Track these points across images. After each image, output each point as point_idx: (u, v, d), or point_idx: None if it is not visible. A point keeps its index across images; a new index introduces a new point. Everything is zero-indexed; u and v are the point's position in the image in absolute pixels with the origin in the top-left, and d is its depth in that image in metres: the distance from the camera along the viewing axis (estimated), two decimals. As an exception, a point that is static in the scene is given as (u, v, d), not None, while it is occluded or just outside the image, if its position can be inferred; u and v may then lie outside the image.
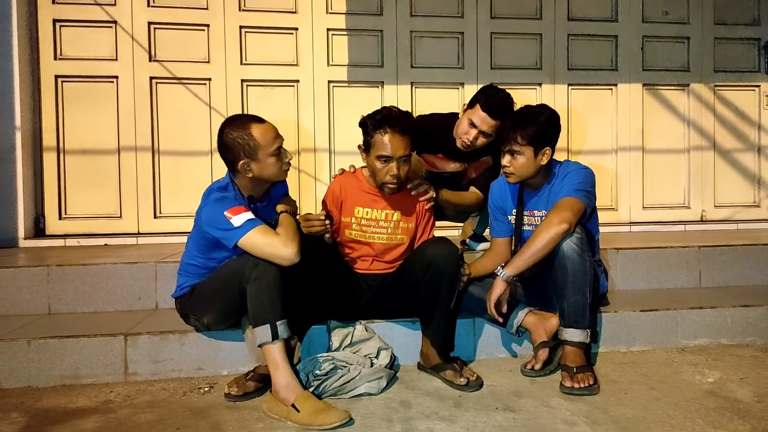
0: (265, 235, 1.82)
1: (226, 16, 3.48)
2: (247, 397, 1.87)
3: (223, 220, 1.82)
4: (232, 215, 1.82)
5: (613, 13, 3.85)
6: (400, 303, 2.15)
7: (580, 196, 2.06)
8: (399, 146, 1.99)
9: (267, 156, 1.90)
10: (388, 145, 1.98)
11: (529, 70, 3.78)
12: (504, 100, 2.35)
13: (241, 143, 1.87)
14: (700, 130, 3.92)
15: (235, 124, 1.92)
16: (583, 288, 1.98)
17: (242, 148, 1.88)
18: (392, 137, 1.98)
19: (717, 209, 3.95)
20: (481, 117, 2.34)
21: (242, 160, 1.89)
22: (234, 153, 1.89)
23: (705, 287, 2.80)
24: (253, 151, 1.88)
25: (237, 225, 1.81)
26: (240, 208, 1.86)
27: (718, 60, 3.94)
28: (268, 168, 1.92)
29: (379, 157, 2.00)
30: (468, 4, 3.69)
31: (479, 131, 2.37)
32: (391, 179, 2.02)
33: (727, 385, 1.95)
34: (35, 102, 3.33)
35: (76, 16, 3.35)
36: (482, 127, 2.35)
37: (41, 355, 2.03)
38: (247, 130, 1.88)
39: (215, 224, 1.85)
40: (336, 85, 3.61)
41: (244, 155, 1.88)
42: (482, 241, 2.79)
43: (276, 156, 1.92)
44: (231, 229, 1.82)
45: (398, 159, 2.00)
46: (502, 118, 2.25)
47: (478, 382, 1.95)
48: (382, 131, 1.99)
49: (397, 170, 2.00)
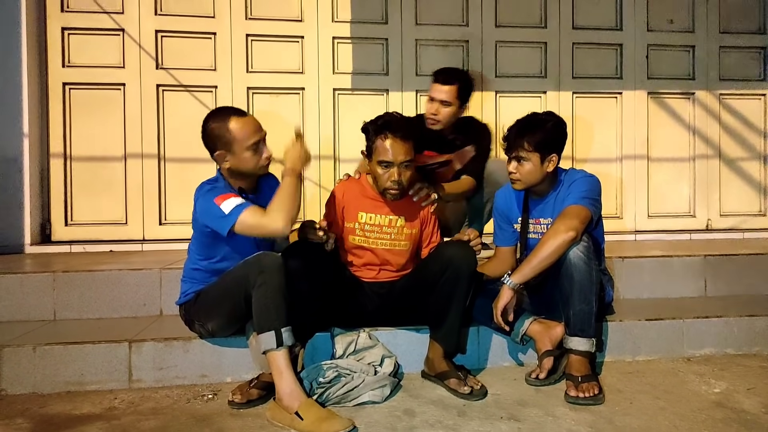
0: (253, 215, 1.83)
1: (232, 24, 3.51)
2: (250, 405, 1.87)
3: (215, 208, 1.85)
4: (221, 201, 1.85)
5: (617, 22, 3.85)
6: (407, 310, 2.15)
7: (586, 204, 2.06)
8: (400, 152, 1.99)
9: (243, 149, 1.93)
10: (389, 150, 1.99)
11: (534, 78, 3.79)
12: (447, 68, 2.68)
13: (218, 134, 1.93)
14: (706, 139, 3.91)
15: (217, 116, 1.98)
16: (589, 297, 1.97)
17: (218, 140, 1.93)
18: (393, 142, 1.99)
19: (722, 218, 3.94)
20: (435, 89, 2.57)
21: (218, 151, 1.94)
22: (212, 143, 1.95)
23: (711, 296, 2.79)
24: (228, 144, 1.93)
25: (227, 212, 1.83)
26: (228, 194, 1.88)
27: (724, 68, 3.94)
28: (243, 162, 1.95)
29: (380, 163, 2.01)
30: (473, 13, 3.71)
31: (439, 101, 2.56)
32: (392, 185, 2.02)
33: (734, 395, 1.93)
34: (43, 109, 3.36)
35: (85, 24, 3.38)
36: (439, 96, 2.55)
37: (46, 362, 2.03)
38: (225, 123, 1.93)
39: (208, 213, 1.87)
40: (341, 93, 3.62)
41: (220, 146, 1.93)
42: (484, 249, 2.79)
43: (253, 150, 1.94)
44: (222, 217, 1.83)
45: (399, 164, 2.00)
46: (451, 82, 2.55)
47: (482, 390, 1.94)
48: (383, 136, 2.00)
49: (398, 176, 2.00)
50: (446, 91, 2.55)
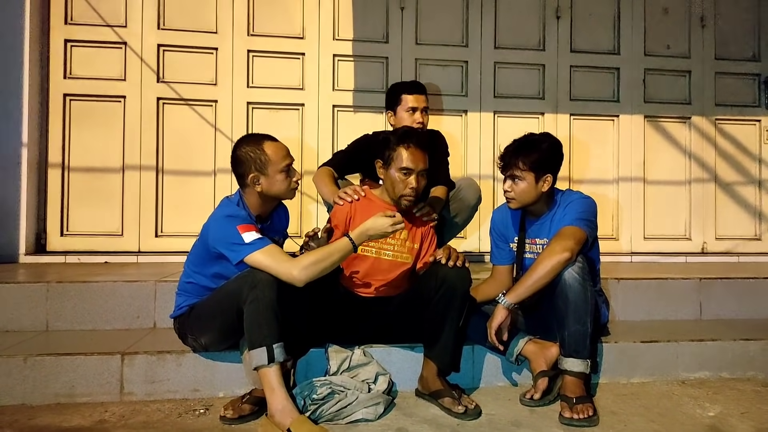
0: (272, 257, 1.84)
1: (234, 40, 3.54)
2: (242, 420, 1.85)
3: (235, 235, 1.85)
4: (243, 231, 1.86)
5: (615, 46, 3.91)
6: (402, 327, 2.15)
7: (582, 225, 2.07)
8: (420, 160, 2.08)
9: (276, 172, 1.96)
10: (410, 158, 2.06)
11: (532, 100, 3.83)
12: (415, 81, 2.81)
13: (253, 157, 1.95)
14: (702, 163, 3.95)
15: (250, 140, 2.01)
16: (584, 318, 1.97)
17: (253, 162, 1.95)
18: (415, 150, 2.07)
19: (718, 241, 3.96)
20: (414, 99, 2.66)
21: (252, 174, 1.95)
22: (245, 166, 1.96)
23: (705, 320, 2.78)
24: (263, 166, 1.95)
25: (248, 241, 1.84)
26: (251, 226, 1.90)
27: (719, 94, 3.99)
28: (276, 184, 1.97)
29: (401, 169, 2.07)
30: (473, 34, 3.76)
31: (421, 109, 2.66)
32: (410, 192, 2.08)
33: (728, 419, 1.93)
34: (43, 119, 3.37)
35: (88, 36, 3.41)
36: (420, 105, 2.66)
37: (37, 373, 2.01)
38: (260, 146, 1.96)
39: (225, 238, 1.87)
40: (340, 110, 3.65)
41: (254, 169, 1.95)
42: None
43: (285, 173, 1.98)
44: (241, 245, 1.84)
45: (418, 172, 2.07)
46: (425, 91, 2.70)
47: (476, 410, 1.93)
48: (405, 145, 2.08)
49: (417, 183, 2.08)
50: (424, 100, 2.69)
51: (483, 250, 3.66)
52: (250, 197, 2.01)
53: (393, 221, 1.91)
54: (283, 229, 2.22)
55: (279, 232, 2.18)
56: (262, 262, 1.83)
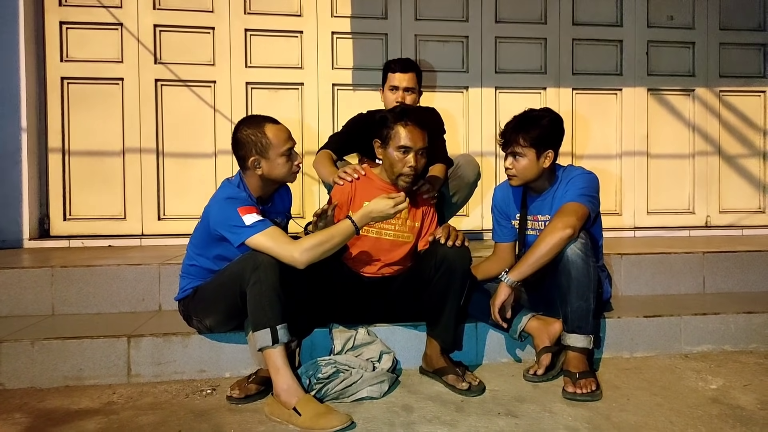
0: (273, 239, 1.84)
1: (231, 19, 3.49)
2: (249, 400, 1.87)
3: (236, 217, 1.85)
4: (244, 213, 1.85)
5: (618, 18, 3.84)
6: (405, 306, 2.16)
7: (584, 201, 2.06)
8: (419, 138, 2.06)
9: (277, 155, 1.94)
10: (409, 136, 2.04)
11: (534, 74, 3.78)
12: (403, 59, 2.73)
13: (254, 140, 1.93)
14: (705, 136, 3.91)
15: (251, 122, 1.99)
16: (586, 294, 1.98)
17: (254, 145, 1.93)
18: (413, 129, 2.05)
19: (722, 215, 3.94)
20: (396, 78, 2.61)
21: (253, 157, 1.93)
22: (246, 149, 1.94)
23: (709, 293, 2.79)
24: (264, 149, 1.93)
25: (248, 224, 1.84)
26: (252, 208, 1.89)
27: (724, 65, 3.94)
28: (276, 167, 1.96)
29: (399, 148, 2.05)
30: (473, 9, 3.70)
31: (402, 89, 2.60)
32: (409, 170, 2.06)
33: (731, 392, 1.94)
34: (41, 103, 3.35)
35: (83, 18, 3.37)
36: (402, 84, 2.60)
37: (45, 356, 2.04)
38: (260, 128, 1.94)
39: (226, 221, 1.87)
40: (340, 88, 3.61)
41: (255, 152, 1.93)
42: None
43: (286, 156, 1.96)
44: (242, 227, 1.84)
45: (417, 151, 2.05)
46: (410, 69, 2.62)
47: (480, 386, 1.95)
48: (403, 123, 2.05)
49: (415, 162, 2.06)
50: (408, 79, 2.62)
51: (485, 227, 3.66)
52: (251, 179, 1.99)
53: (395, 202, 1.90)
54: (286, 209, 2.22)
55: (281, 213, 2.17)
56: (263, 244, 1.83)
